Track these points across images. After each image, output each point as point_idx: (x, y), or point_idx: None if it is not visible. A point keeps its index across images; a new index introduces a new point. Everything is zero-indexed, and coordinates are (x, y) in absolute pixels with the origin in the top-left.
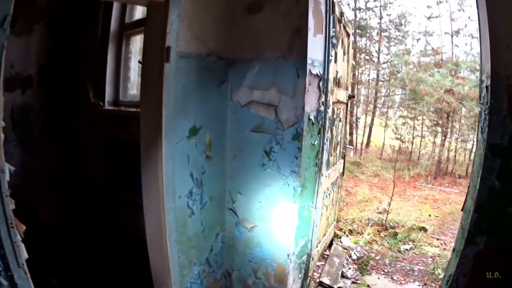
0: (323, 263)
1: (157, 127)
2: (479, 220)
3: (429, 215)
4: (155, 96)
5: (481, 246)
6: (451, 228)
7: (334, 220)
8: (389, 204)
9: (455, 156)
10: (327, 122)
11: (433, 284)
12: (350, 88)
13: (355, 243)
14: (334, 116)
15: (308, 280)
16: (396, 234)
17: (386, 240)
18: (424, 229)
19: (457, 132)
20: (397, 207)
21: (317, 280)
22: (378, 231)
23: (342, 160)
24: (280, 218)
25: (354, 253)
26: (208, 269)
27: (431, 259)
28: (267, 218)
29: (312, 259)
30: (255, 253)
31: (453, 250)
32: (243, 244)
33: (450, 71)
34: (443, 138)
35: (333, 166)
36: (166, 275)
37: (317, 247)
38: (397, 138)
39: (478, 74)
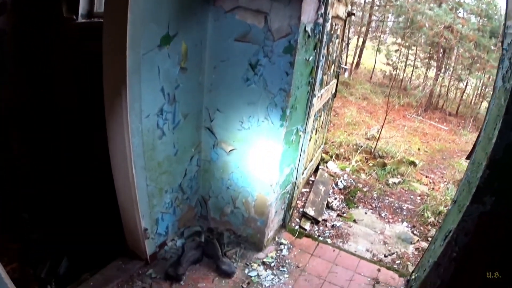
0: (308, 190)
1: (121, 35)
2: (490, 178)
3: (418, 149)
4: None
5: (488, 207)
6: (440, 167)
7: (322, 144)
8: (379, 132)
9: (447, 93)
10: (325, 37)
11: (421, 228)
12: (349, 5)
13: (342, 169)
14: (332, 32)
15: (291, 211)
16: (384, 164)
17: (374, 170)
18: (413, 163)
19: (451, 70)
20: (386, 135)
21: (301, 210)
22: (366, 159)
23: (335, 80)
24: (264, 142)
25: (341, 181)
26: (182, 196)
27: (419, 198)
28: (249, 140)
29: (297, 187)
30: (234, 180)
31: (454, 202)
32: (220, 168)
33: (451, 9)
34: (437, 72)
35: (326, 86)
36: (133, 206)
37: (303, 174)
38: (388, 64)
39: (479, 18)
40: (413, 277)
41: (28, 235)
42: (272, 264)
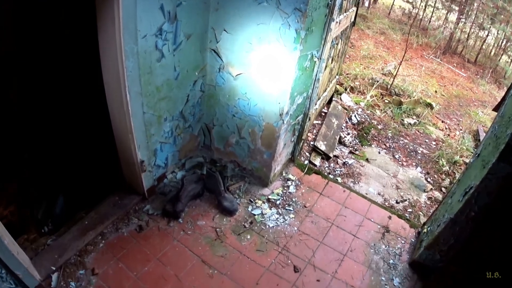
0: (320, 122)
1: None
2: None
3: (435, 92)
4: None
5: None
6: (456, 113)
7: (337, 74)
8: (397, 69)
9: (467, 39)
10: None
11: (435, 176)
12: None
13: (357, 103)
14: None
15: (301, 144)
16: (400, 103)
17: (389, 107)
18: (430, 105)
19: (473, 17)
20: (403, 73)
21: (311, 143)
22: (381, 95)
23: (354, 8)
24: (275, 66)
25: (355, 116)
26: (183, 125)
27: (434, 143)
28: (258, 64)
29: (309, 119)
30: (241, 107)
31: (477, 155)
32: (226, 94)
33: None
34: (459, 16)
35: (345, 12)
36: (128, 136)
37: (315, 104)
38: (408, 2)
39: None
40: (425, 230)
41: (24, 172)
42: (278, 202)
